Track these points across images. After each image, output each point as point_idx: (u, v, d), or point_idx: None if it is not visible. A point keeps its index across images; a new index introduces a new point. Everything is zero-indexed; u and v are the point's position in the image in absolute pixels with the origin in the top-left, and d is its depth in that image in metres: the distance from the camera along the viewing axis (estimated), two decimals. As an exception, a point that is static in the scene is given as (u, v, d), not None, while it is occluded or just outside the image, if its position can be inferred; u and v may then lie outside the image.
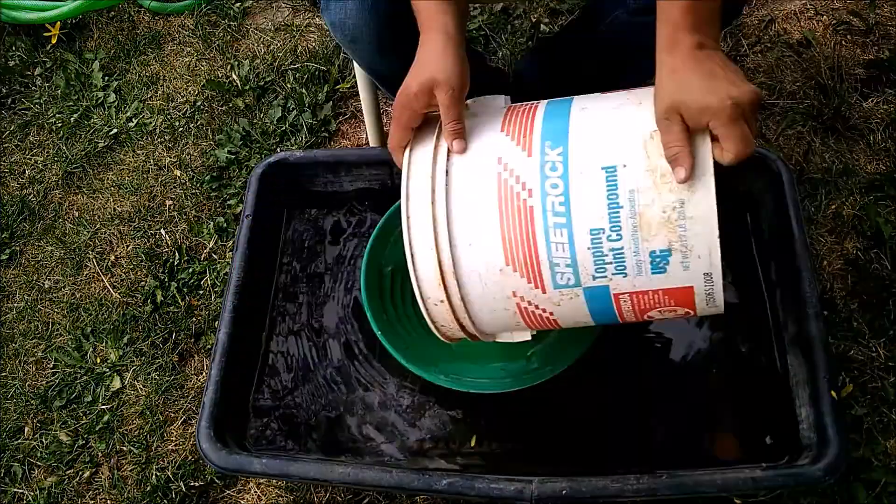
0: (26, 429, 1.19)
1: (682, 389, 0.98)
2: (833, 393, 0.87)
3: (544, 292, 0.74)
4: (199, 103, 1.51)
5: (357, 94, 1.43)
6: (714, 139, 0.66)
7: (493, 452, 0.97)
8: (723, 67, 0.65)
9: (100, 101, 1.56)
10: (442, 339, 0.83)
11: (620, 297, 0.73)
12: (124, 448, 1.14)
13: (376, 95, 1.25)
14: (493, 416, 1.00)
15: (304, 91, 1.46)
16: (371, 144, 1.36)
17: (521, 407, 0.99)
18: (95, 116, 1.54)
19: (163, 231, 1.35)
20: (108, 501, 1.11)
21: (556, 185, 0.70)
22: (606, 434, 0.97)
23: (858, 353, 1.06)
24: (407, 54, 0.94)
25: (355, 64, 1.19)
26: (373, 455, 0.99)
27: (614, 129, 0.71)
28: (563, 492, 0.84)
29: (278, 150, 1.40)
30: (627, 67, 1.09)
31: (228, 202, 1.36)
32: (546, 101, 0.78)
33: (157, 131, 1.50)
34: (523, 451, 0.97)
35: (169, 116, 1.51)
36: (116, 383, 1.20)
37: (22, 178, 1.49)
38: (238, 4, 1.67)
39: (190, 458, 1.11)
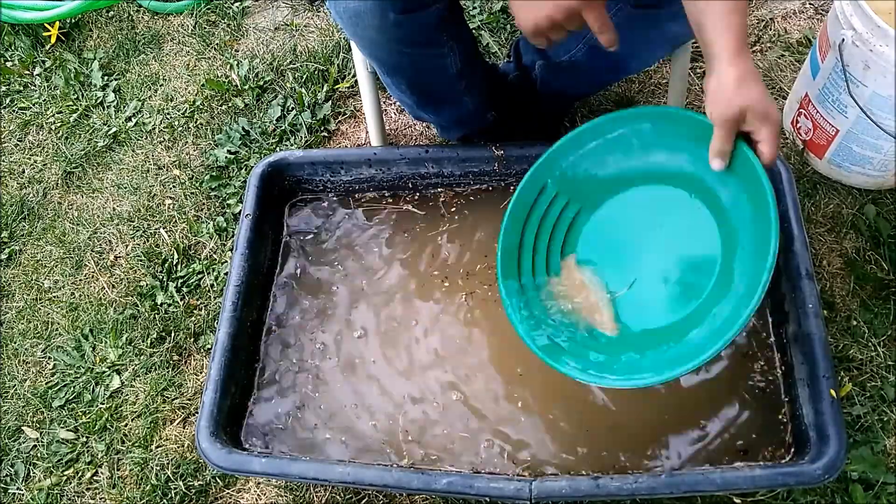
0: (26, 429, 1.19)
1: (681, 388, 0.98)
2: (832, 392, 0.87)
3: None
4: (198, 103, 1.51)
5: (357, 93, 1.43)
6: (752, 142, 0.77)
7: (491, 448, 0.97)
8: (764, 87, 0.75)
9: (99, 101, 1.56)
10: None
11: None
12: (124, 448, 1.14)
13: (377, 93, 1.25)
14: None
15: (303, 90, 1.46)
16: (372, 143, 1.36)
17: (523, 404, 0.99)
18: (95, 116, 1.54)
19: (162, 231, 1.35)
20: (108, 501, 1.11)
21: None
22: (605, 432, 0.97)
23: (858, 353, 1.06)
24: (409, 34, 0.94)
25: (355, 61, 1.19)
26: (374, 452, 0.99)
27: None
28: (563, 491, 0.85)
29: (278, 149, 1.40)
30: (626, 61, 1.10)
31: (228, 202, 1.36)
32: None
33: (157, 131, 1.50)
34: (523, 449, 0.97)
35: (168, 116, 1.51)
36: (116, 383, 1.20)
37: (21, 178, 1.49)
38: (237, 4, 1.67)
39: (189, 457, 1.11)
